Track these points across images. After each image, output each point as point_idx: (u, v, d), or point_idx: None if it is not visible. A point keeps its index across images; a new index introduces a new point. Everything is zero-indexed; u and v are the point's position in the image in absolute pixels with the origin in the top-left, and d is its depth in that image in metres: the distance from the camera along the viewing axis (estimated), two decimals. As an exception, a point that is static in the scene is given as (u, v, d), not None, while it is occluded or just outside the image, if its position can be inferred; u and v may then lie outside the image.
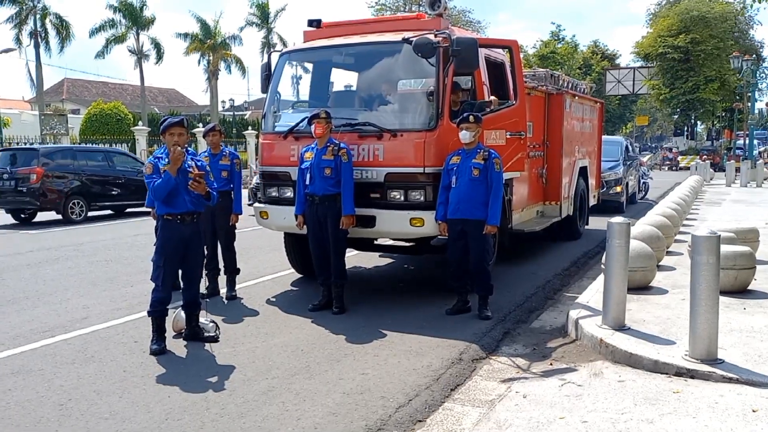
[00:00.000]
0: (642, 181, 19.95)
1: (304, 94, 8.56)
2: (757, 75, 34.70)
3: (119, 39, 42.06)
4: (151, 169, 5.43)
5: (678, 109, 48.67)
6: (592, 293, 6.55)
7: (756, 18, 48.92)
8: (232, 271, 7.37)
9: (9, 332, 6.01)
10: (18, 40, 39.06)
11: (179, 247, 5.43)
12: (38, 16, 39.50)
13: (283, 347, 5.53)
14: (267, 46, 45.70)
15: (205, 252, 6.61)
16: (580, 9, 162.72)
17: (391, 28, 7.53)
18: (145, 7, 42.36)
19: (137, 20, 41.99)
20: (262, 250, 10.05)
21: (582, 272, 8.82)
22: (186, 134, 5.48)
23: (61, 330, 6.06)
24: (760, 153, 38.82)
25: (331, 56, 7.90)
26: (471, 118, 6.24)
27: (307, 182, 6.53)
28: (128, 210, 16.52)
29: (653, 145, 62.74)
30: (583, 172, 11.60)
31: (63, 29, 40.22)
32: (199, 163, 5.57)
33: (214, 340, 5.64)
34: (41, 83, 41.20)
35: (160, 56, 43.62)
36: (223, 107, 48.56)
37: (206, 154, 7.22)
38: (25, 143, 28.22)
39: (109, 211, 16.40)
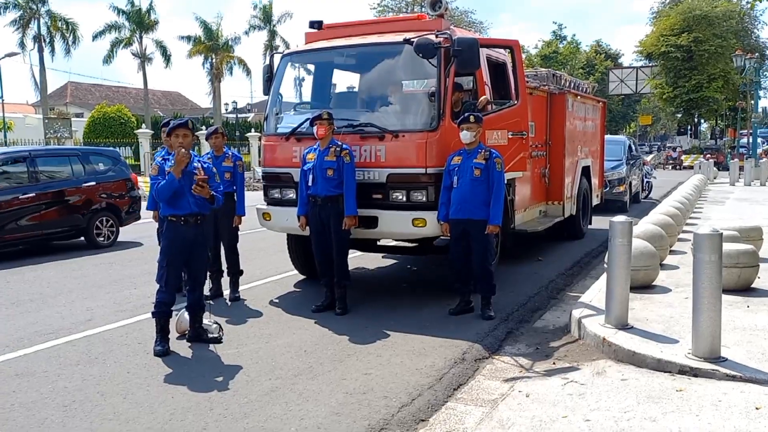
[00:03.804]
0: (645, 180, 19.91)
1: (306, 95, 8.58)
2: (761, 73, 34.58)
3: (126, 42, 42.15)
4: (156, 171, 5.47)
5: (681, 108, 48.53)
6: (595, 292, 6.55)
7: (761, 18, 48.89)
8: (236, 273, 7.38)
9: (13, 334, 6.03)
10: (22, 44, 39.25)
11: (183, 249, 5.45)
12: (42, 20, 39.62)
13: (287, 348, 5.54)
14: (269, 48, 45.76)
15: (209, 254, 6.62)
16: (583, 8, 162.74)
17: (392, 29, 7.54)
18: (152, 10, 42.47)
19: (142, 23, 42.08)
20: (265, 252, 10.06)
21: (585, 272, 8.82)
22: (191, 136, 5.51)
23: (65, 332, 6.07)
24: (766, 152, 38.67)
25: (332, 57, 7.92)
26: (472, 118, 6.24)
27: (310, 183, 6.54)
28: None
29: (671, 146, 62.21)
30: (585, 171, 11.60)
31: (69, 33, 40.33)
32: (205, 166, 5.58)
33: (218, 341, 5.66)
34: (45, 87, 41.35)
35: (167, 59, 43.67)
36: (226, 110, 48.61)
37: (209, 156, 7.24)
38: (29, 147, 28.32)
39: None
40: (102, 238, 11.22)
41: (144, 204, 12.61)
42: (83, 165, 11.32)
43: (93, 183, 11.28)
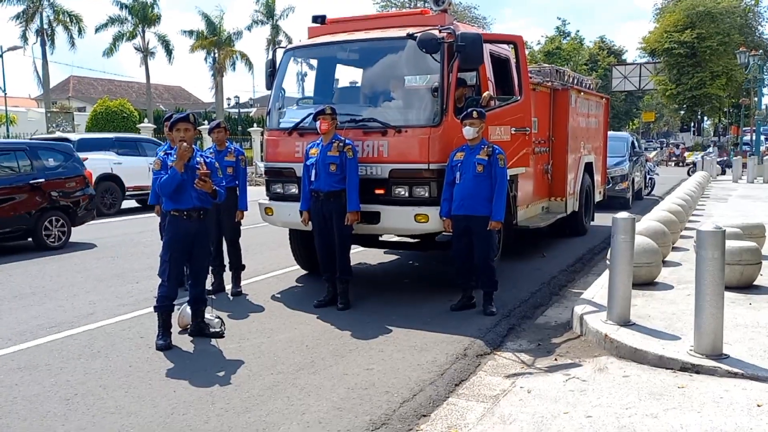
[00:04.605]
0: (648, 177, 19.87)
1: (309, 90, 8.56)
2: (764, 70, 34.44)
3: (130, 36, 42.08)
4: (159, 165, 5.48)
5: (684, 105, 48.41)
6: (597, 289, 6.55)
7: (765, 15, 48.75)
8: (238, 268, 7.39)
9: (16, 327, 6.05)
10: (24, 38, 39.22)
11: (186, 243, 5.46)
12: (45, 14, 39.58)
13: (288, 343, 5.55)
14: (272, 43, 45.68)
15: (211, 249, 6.63)
16: (587, 4, 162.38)
17: (395, 23, 7.53)
18: (155, 4, 42.36)
19: (145, 17, 42.01)
20: (267, 247, 10.07)
21: (587, 268, 8.81)
22: (193, 130, 5.50)
23: (67, 325, 6.09)
24: None
25: (335, 52, 7.91)
26: (475, 113, 6.23)
27: (312, 178, 6.54)
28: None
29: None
30: (588, 168, 11.58)
31: (74, 25, 40.28)
32: (208, 160, 5.58)
33: (220, 335, 5.67)
34: (48, 81, 41.32)
35: (170, 54, 43.57)
36: (229, 104, 48.58)
37: (212, 150, 7.24)
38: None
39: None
40: (51, 240, 10.43)
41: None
42: (31, 160, 10.48)
43: (42, 180, 10.43)
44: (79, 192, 11.13)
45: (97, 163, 14.83)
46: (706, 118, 59.09)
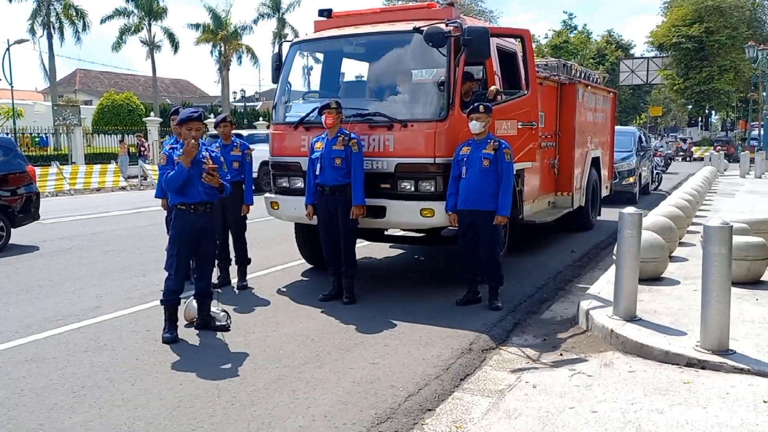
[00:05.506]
0: (655, 171, 19.79)
1: (315, 84, 8.56)
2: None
3: (135, 29, 42.06)
4: (165, 160, 5.48)
5: (692, 100, 48.24)
6: (604, 284, 6.54)
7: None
8: (243, 262, 7.41)
9: (23, 320, 6.08)
10: (32, 31, 39.26)
11: (192, 237, 5.47)
12: (54, 8, 39.59)
13: (294, 336, 5.56)
14: (278, 36, 45.57)
15: (217, 243, 6.63)
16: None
17: (402, 17, 7.51)
18: (162, -4, 42.34)
19: (151, 10, 41.99)
20: (272, 241, 10.08)
21: (593, 263, 8.80)
22: (202, 128, 5.52)
23: (74, 318, 6.12)
24: None
25: (341, 46, 7.89)
26: (481, 108, 6.21)
27: (318, 172, 6.54)
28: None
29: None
30: (595, 162, 11.54)
31: (79, 19, 40.32)
32: (213, 155, 5.59)
33: (225, 329, 5.69)
34: (54, 74, 41.37)
35: (175, 46, 43.56)
36: (235, 98, 48.58)
37: (218, 144, 7.25)
38: (38, 134, 28.50)
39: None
40: None
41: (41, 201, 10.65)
42: None
43: None
44: (21, 189, 10.08)
45: (262, 153, 15.40)
46: (714, 112, 58.79)
